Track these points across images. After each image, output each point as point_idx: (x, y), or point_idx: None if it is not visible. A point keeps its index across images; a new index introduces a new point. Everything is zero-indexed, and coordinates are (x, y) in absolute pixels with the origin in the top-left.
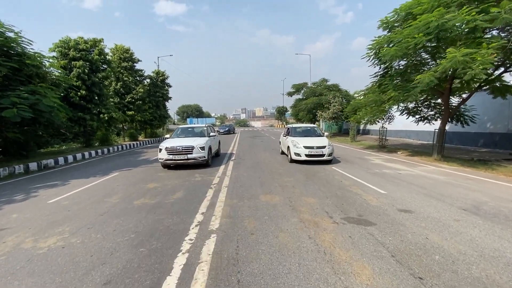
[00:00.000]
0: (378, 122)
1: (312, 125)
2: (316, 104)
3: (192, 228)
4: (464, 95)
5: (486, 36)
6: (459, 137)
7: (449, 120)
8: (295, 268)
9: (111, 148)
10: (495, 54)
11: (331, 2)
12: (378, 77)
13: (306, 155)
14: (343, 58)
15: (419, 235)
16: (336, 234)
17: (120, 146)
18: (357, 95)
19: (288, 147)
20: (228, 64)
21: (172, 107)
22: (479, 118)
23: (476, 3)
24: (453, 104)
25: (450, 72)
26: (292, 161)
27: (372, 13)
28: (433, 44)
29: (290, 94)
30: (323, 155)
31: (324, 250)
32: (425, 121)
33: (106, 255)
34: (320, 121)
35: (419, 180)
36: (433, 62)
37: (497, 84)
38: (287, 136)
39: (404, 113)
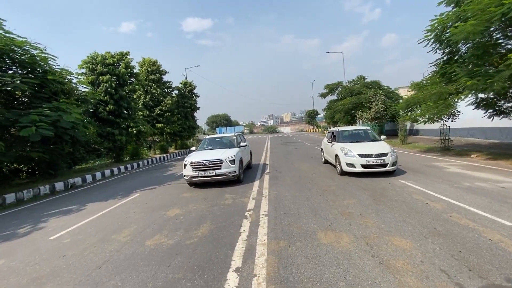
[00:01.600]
0: (442, 119)
1: (364, 127)
2: (354, 104)
3: None
4: None
5: None
6: None
7: None
8: None
9: (140, 162)
10: None
11: (356, 2)
12: (440, 65)
13: (363, 166)
14: (374, 56)
15: None
16: None
17: (150, 160)
18: (409, 91)
19: (337, 155)
20: (254, 72)
21: (202, 117)
22: None
23: None
24: None
25: None
26: (343, 173)
27: (401, 7)
28: None
29: (323, 95)
30: (385, 165)
31: None
32: (502, 115)
33: None
34: (360, 122)
35: None
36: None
37: None
38: (333, 142)
39: (481, 106)
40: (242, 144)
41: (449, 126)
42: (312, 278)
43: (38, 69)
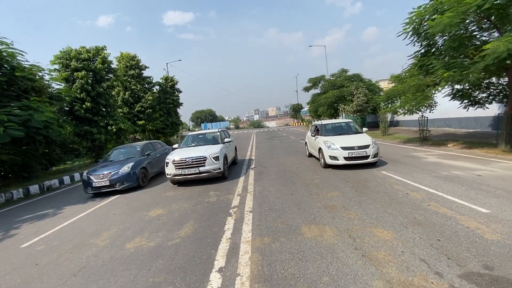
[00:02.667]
0: (420, 111)
1: (346, 120)
2: (337, 97)
3: None
4: None
5: None
6: None
7: None
8: None
9: None
10: None
11: None
12: (418, 57)
13: (346, 158)
14: (355, 50)
15: None
16: None
17: None
18: (388, 83)
19: (320, 149)
20: (238, 67)
21: (186, 113)
22: None
23: None
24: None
25: None
26: (327, 166)
27: (381, 1)
28: (497, 2)
29: (306, 89)
30: (367, 157)
31: None
32: (476, 105)
33: None
34: (343, 115)
35: None
36: (485, 33)
37: None
38: (316, 136)
39: (457, 97)
40: (226, 140)
41: (427, 117)
42: (295, 274)
43: (5, 65)
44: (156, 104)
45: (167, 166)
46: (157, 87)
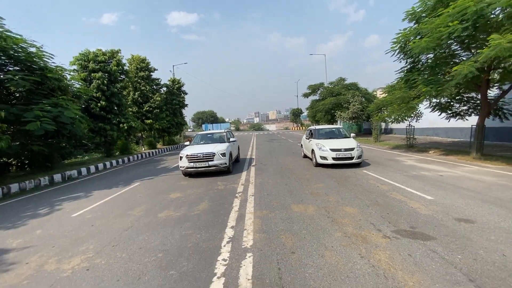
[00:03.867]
0: (406, 120)
1: (337, 126)
2: (334, 104)
3: (224, 246)
4: (504, 87)
5: None
6: (495, 132)
7: (487, 115)
8: None
9: (131, 157)
10: None
11: (341, 2)
12: (404, 72)
13: (333, 158)
14: (357, 56)
15: (493, 251)
16: (392, 252)
17: (139, 155)
18: (380, 93)
19: (313, 150)
20: (240, 69)
21: (187, 114)
22: None
23: None
24: (490, 97)
25: (491, 62)
26: (318, 165)
27: (384, 10)
28: (467, 33)
29: (306, 95)
30: (351, 158)
31: (383, 273)
32: (457, 117)
33: (133, 279)
34: (339, 121)
35: (466, 183)
36: (466, 53)
37: None
38: (310, 139)
39: (436, 109)
40: (231, 139)
41: (414, 126)
42: (284, 229)
43: (35, 66)
44: (163, 104)
45: (180, 159)
46: (164, 88)
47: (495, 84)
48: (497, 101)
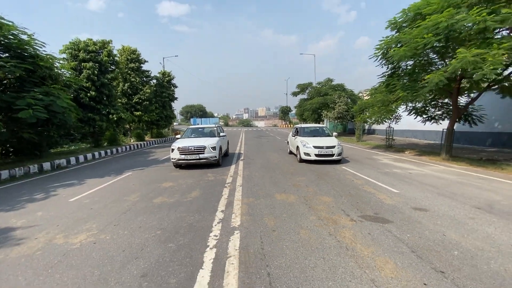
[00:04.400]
0: (386, 122)
1: (321, 125)
2: (321, 104)
3: (215, 225)
4: (472, 95)
5: (496, 36)
6: (466, 136)
7: (457, 120)
8: (321, 263)
9: (119, 148)
10: (506, 55)
11: (334, 1)
12: (386, 77)
13: (316, 155)
14: (347, 57)
15: (436, 232)
16: (355, 231)
17: (128, 146)
18: (363, 95)
19: (297, 147)
20: (231, 64)
21: (176, 107)
22: (487, 117)
23: (487, 4)
24: (461, 104)
25: (460, 72)
26: (302, 160)
27: (375, 12)
28: (441, 44)
29: (294, 94)
30: (332, 155)
31: (346, 245)
32: (432, 120)
33: (137, 250)
34: (325, 121)
35: (430, 180)
36: (442, 62)
37: (505, 84)
38: (296, 136)
39: (412, 113)
40: (221, 134)
41: (393, 128)
42: (267, 213)
43: (25, 54)
44: (153, 97)
45: (172, 151)
46: (154, 80)
47: (465, 92)
48: (466, 107)
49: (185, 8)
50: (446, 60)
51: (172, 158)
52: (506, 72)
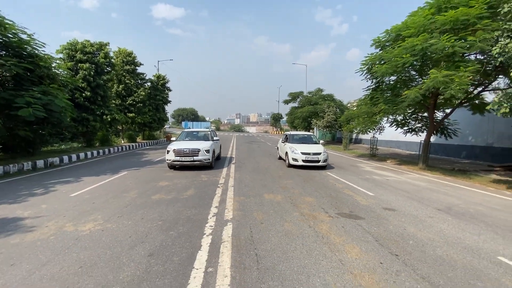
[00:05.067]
0: (370, 132)
1: (309, 133)
2: (311, 113)
3: (210, 218)
4: (447, 110)
5: (466, 58)
6: (443, 148)
7: (434, 132)
8: (300, 247)
9: (111, 149)
10: (471, 77)
11: (327, 14)
12: (370, 90)
13: (303, 161)
14: (338, 68)
15: (398, 227)
16: (331, 225)
17: (120, 147)
18: (351, 105)
19: (286, 152)
20: (224, 69)
21: (168, 110)
22: (462, 131)
23: (455, 31)
24: (438, 118)
25: (433, 90)
26: (290, 165)
27: (366, 26)
28: (419, 64)
29: (286, 102)
30: (318, 161)
31: (322, 235)
32: (413, 132)
33: (142, 236)
34: (315, 129)
35: (404, 186)
36: (420, 78)
37: (476, 101)
38: (285, 143)
39: (393, 124)
40: (215, 138)
41: (377, 138)
42: (257, 209)
43: (24, 53)
44: (147, 99)
45: (168, 153)
46: (149, 83)
47: (441, 108)
48: (441, 121)
49: (181, 12)
50: (424, 78)
51: (167, 160)
52: (476, 91)
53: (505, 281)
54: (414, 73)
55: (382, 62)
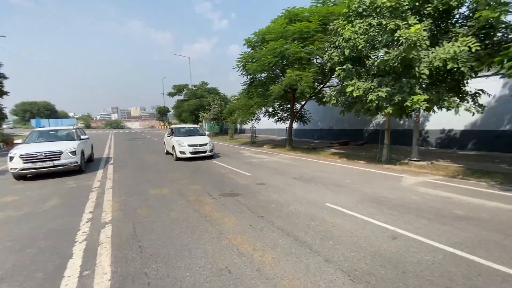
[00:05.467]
0: (249, 122)
1: (194, 125)
2: (198, 106)
3: (83, 225)
4: (302, 102)
5: (312, 62)
6: (303, 133)
7: (296, 120)
8: (184, 229)
9: None
10: (313, 76)
11: (207, 7)
12: (247, 85)
13: (191, 153)
14: (221, 62)
15: (266, 196)
16: (214, 205)
17: None
18: (233, 99)
19: (173, 146)
20: (91, 56)
21: (7, 104)
22: (313, 118)
23: (301, 40)
24: (297, 109)
25: (290, 86)
26: (178, 159)
27: (244, 23)
28: (282, 64)
29: (171, 94)
30: (205, 152)
31: (205, 215)
32: (281, 121)
33: None
34: (203, 121)
35: (274, 164)
36: (283, 76)
37: (320, 95)
38: (171, 136)
39: (266, 115)
40: (83, 137)
41: (255, 127)
42: (140, 206)
43: None
44: None
45: (11, 160)
46: None
47: (299, 100)
48: (298, 111)
49: None
50: (284, 76)
51: (11, 169)
52: (319, 88)
53: (328, 218)
54: (279, 71)
55: (254, 61)
